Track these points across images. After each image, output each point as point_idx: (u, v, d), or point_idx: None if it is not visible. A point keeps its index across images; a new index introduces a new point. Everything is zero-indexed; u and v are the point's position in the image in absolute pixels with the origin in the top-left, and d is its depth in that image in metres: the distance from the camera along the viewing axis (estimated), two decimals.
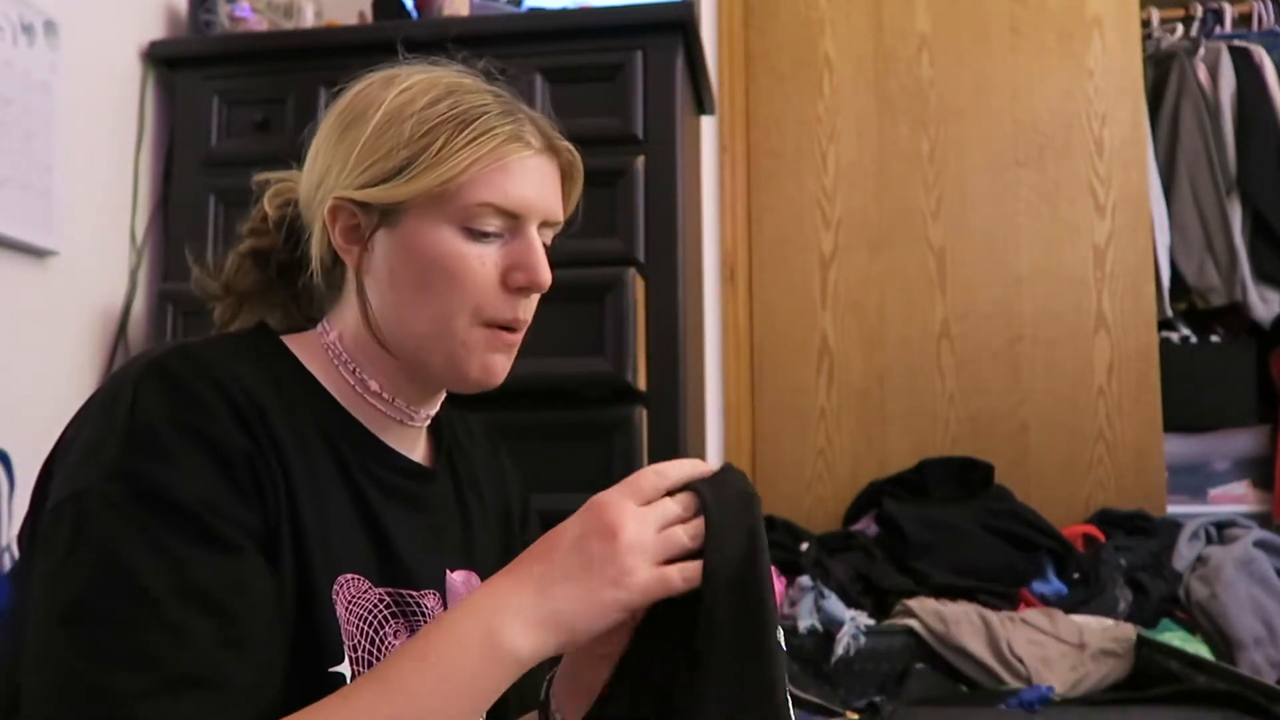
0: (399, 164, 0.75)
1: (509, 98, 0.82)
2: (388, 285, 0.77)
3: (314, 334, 0.81)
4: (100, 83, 1.77)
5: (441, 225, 0.76)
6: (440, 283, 0.75)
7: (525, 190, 0.77)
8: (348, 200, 0.77)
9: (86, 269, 1.72)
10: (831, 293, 2.57)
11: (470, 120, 0.76)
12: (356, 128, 0.78)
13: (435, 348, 0.77)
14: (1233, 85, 2.62)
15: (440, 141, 0.75)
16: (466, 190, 0.75)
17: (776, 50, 2.65)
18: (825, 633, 1.77)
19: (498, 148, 0.76)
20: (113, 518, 0.62)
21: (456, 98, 0.78)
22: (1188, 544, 2.03)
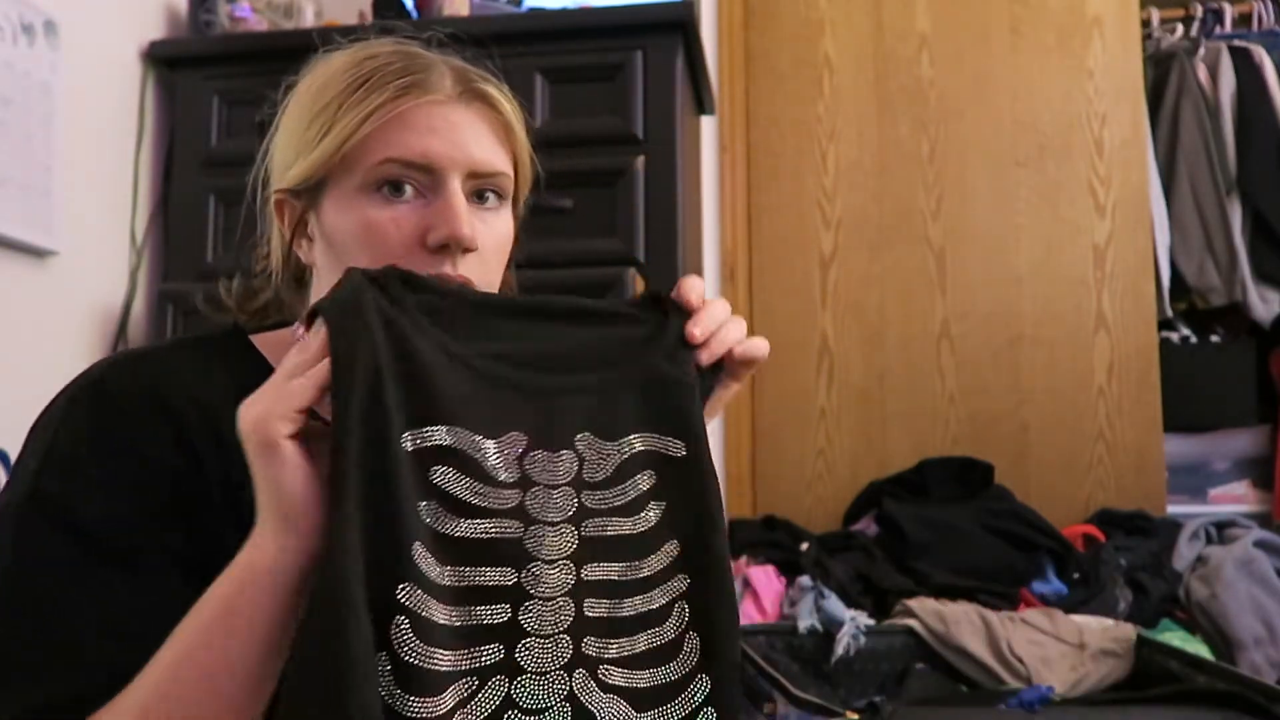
0: (308, 140, 0.74)
1: (422, 52, 0.79)
2: (325, 266, 0.77)
3: (286, 330, 0.80)
4: (100, 83, 1.77)
5: (354, 195, 0.73)
6: (359, 253, 0.72)
7: (430, 140, 0.73)
8: (282, 193, 0.77)
9: (86, 269, 1.72)
10: (831, 293, 2.57)
11: (364, 81, 0.74)
12: (283, 118, 0.78)
13: None
14: (1233, 85, 2.62)
15: (334, 108, 0.73)
16: (367, 151, 0.72)
17: (776, 50, 2.65)
18: (825, 633, 1.77)
19: (390, 100, 0.73)
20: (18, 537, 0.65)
21: (359, 66, 0.76)
22: (1188, 544, 2.03)
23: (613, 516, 0.66)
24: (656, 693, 0.65)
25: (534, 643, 0.63)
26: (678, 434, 0.69)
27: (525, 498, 0.64)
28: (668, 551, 0.67)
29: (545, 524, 0.64)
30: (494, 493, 0.63)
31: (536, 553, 0.64)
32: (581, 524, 0.65)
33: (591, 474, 0.66)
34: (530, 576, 0.63)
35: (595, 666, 0.64)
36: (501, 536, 0.63)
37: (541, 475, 0.65)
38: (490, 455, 0.63)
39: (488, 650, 0.61)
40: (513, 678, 0.62)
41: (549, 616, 0.63)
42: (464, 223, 0.73)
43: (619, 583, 0.66)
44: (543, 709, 0.63)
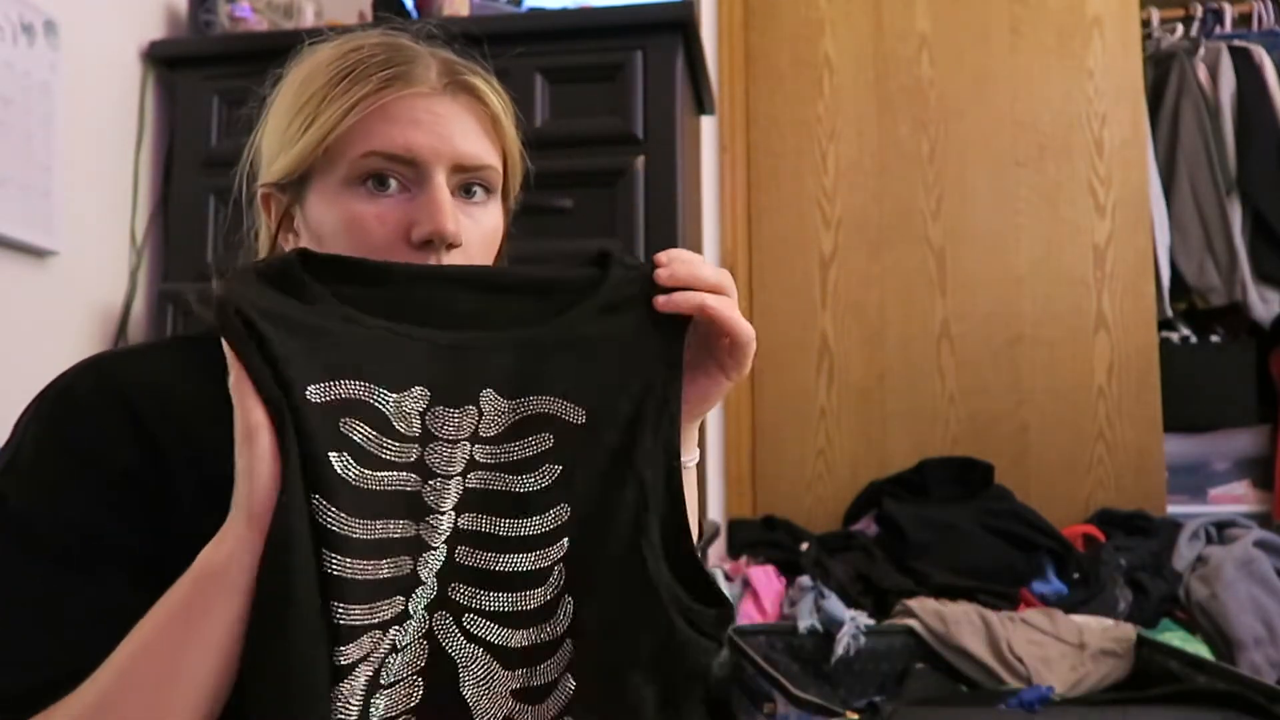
0: (292, 134, 0.74)
1: (409, 44, 0.78)
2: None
3: None
4: (100, 83, 1.77)
5: (338, 189, 0.73)
6: (343, 247, 0.71)
7: (413, 133, 0.72)
8: (268, 187, 0.77)
9: (86, 269, 1.72)
10: (831, 293, 2.57)
11: (347, 73, 0.73)
12: (268, 113, 0.78)
13: None
14: (1233, 85, 2.62)
15: (317, 101, 0.73)
16: (350, 144, 0.72)
17: (776, 50, 2.65)
18: (825, 633, 1.77)
19: (373, 93, 0.72)
20: None
21: (343, 58, 0.75)
22: (1188, 544, 2.03)
23: (500, 472, 0.65)
24: (527, 653, 0.64)
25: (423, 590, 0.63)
26: (579, 399, 0.67)
27: (425, 452, 0.64)
28: (557, 515, 0.66)
29: (444, 477, 0.64)
30: (396, 446, 0.63)
31: (436, 505, 0.63)
32: (468, 475, 0.65)
33: (487, 429, 0.65)
34: (428, 528, 0.63)
35: (460, 613, 0.64)
36: (400, 489, 0.63)
37: (443, 430, 0.64)
38: (393, 408, 0.63)
39: (389, 604, 0.61)
40: (401, 623, 0.62)
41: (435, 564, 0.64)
42: (448, 218, 0.72)
43: (498, 537, 0.65)
44: (405, 645, 0.63)
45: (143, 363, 0.73)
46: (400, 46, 0.77)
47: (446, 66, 0.77)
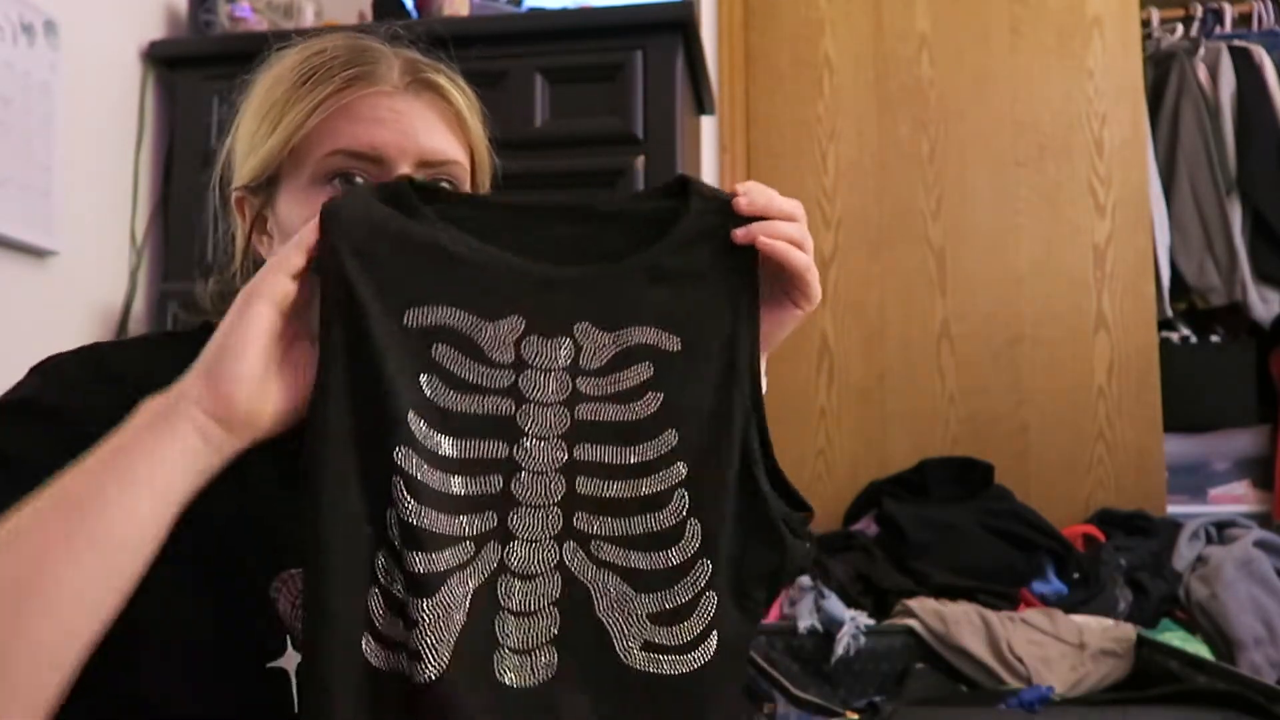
0: (260, 136, 0.75)
1: (373, 44, 0.78)
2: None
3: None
4: (100, 83, 1.77)
5: (306, 188, 0.74)
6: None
7: (376, 130, 0.73)
8: (240, 190, 0.78)
9: (86, 269, 1.72)
10: (831, 293, 2.57)
11: (311, 74, 0.74)
12: (237, 117, 0.79)
13: None
14: (1233, 85, 2.62)
15: (282, 103, 0.74)
16: (316, 144, 0.73)
17: (776, 50, 2.65)
18: (825, 633, 1.77)
19: (336, 92, 0.73)
20: None
21: (307, 60, 0.76)
22: (1188, 544, 2.03)
23: (607, 402, 0.68)
24: (658, 576, 0.67)
25: (525, 511, 0.66)
26: (674, 328, 0.70)
27: (519, 378, 0.67)
28: (666, 440, 0.68)
29: (537, 404, 0.67)
30: (489, 372, 0.67)
31: (528, 429, 0.67)
32: (575, 407, 0.68)
33: (588, 361, 0.69)
34: (522, 450, 0.66)
35: (588, 541, 0.66)
36: (494, 413, 0.66)
37: (536, 358, 0.68)
38: (487, 336, 0.67)
39: (482, 517, 0.65)
40: (505, 544, 0.65)
41: (539, 489, 0.66)
42: None
43: (613, 465, 0.68)
44: (533, 575, 0.65)
45: (131, 350, 0.75)
46: (363, 48, 0.78)
47: (409, 65, 0.78)
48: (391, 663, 0.61)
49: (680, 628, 0.66)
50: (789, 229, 0.71)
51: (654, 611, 0.66)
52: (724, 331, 0.70)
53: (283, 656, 0.69)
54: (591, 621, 0.65)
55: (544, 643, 0.64)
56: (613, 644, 0.65)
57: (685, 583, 0.66)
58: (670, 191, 0.73)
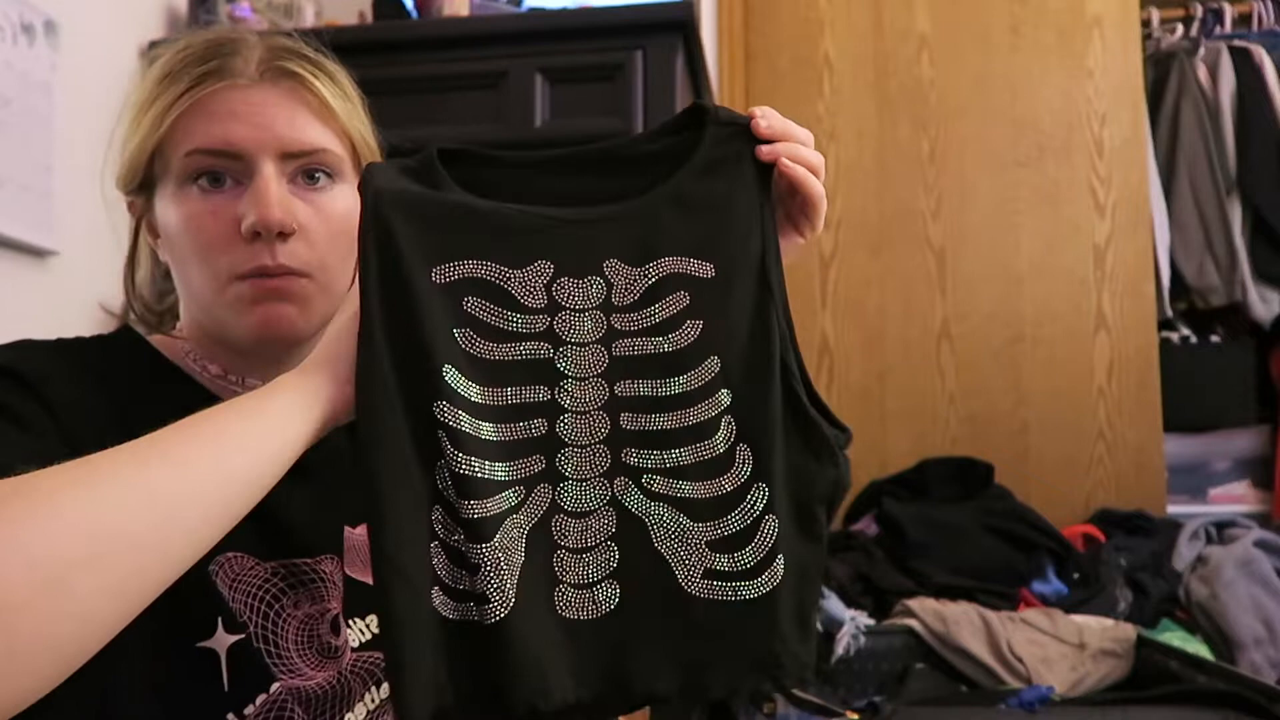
0: (127, 141, 0.75)
1: (234, 36, 0.77)
2: (170, 262, 0.78)
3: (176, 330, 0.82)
4: (100, 83, 1.77)
5: (174, 190, 0.73)
6: (188, 248, 0.73)
7: (231, 125, 0.72)
8: (127, 194, 0.78)
9: (86, 269, 1.72)
10: (831, 293, 2.57)
11: (163, 75, 0.73)
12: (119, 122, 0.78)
13: (217, 313, 0.74)
14: (1233, 85, 2.62)
15: (145, 106, 0.73)
16: (175, 144, 0.72)
17: (776, 50, 2.65)
18: (825, 633, 1.77)
19: (187, 90, 0.71)
20: None
21: (171, 58, 0.74)
22: (1188, 544, 2.03)
23: (643, 336, 0.69)
24: (713, 504, 0.67)
25: (572, 452, 0.67)
26: (704, 254, 0.70)
27: (554, 321, 0.68)
28: (709, 368, 0.69)
29: (574, 345, 0.68)
30: (523, 318, 0.67)
31: (568, 370, 0.68)
32: (612, 344, 0.68)
33: (620, 298, 0.69)
34: (563, 393, 0.68)
35: (638, 475, 0.67)
36: (532, 358, 0.67)
37: (568, 300, 0.68)
38: (517, 284, 0.68)
39: (529, 461, 0.66)
40: (555, 484, 0.66)
41: (584, 428, 0.67)
42: (272, 207, 0.71)
43: (657, 398, 0.68)
44: (587, 512, 0.66)
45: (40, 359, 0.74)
46: (221, 40, 0.76)
47: (269, 54, 0.76)
48: (462, 611, 0.63)
49: (742, 554, 0.66)
50: (808, 153, 0.71)
51: (713, 539, 0.67)
52: (754, 253, 0.70)
53: (213, 637, 0.69)
54: (650, 553, 0.66)
55: (604, 577, 0.66)
56: (674, 573, 0.66)
57: (742, 509, 0.67)
58: (687, 120, 0.73)
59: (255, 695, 0.71)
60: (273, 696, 0.71)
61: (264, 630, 0.72)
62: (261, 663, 0.71)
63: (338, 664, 0.76)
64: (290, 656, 0.73)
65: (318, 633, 0.75)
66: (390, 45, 1.74)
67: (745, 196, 0.71)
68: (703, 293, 0.69)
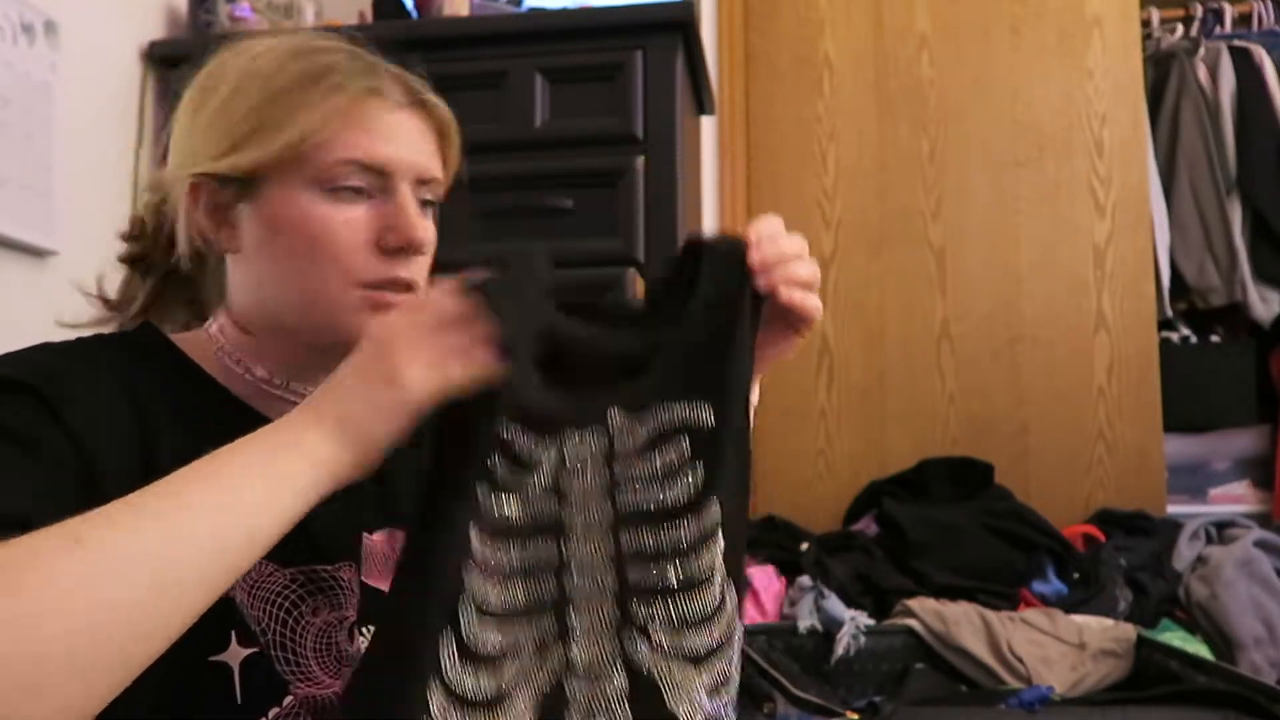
0: (250, 129, 0.73)
1: (367, 54, 0.79)
2: (256, 260, 0.76)
3: (202, 329, 0.81)
4: (100, 83, 1.77)
5: (302, 190, 0.73)
6: (305, 250, 0.73)
7: (389, 146, 0.74)
8: (206, 176, 0.75)
9: (86, 269, 1.72)
10: (831, 293, 2.57)
11: (320, 77, 0.73)
12: (209, 102, 0.76)
13: (311, 317, 0.75)
14: (1233, 85, 2.62)
15: (291, 101, 0.73)
16: (325, 149, 0.73)
17: (776, 50, 2.65)
18: (825, 633, 1.77)
19: (353, 103, 0.73)
20: None
21: (308, 58, 0.75)
22: (1188, 544, 2.03)
23: (647, 484, 0.68)
24: (712, 651, 0.67)
25: (582, 607, 0.66)
26: (703, 395, 0.69)
27: (560, 476, 0.67)
28: (710, 513, 0.69)
29: (580, 497, 0.67)
30: (532, 474, 0.66)
31: (573, 527, 0.67)
32: (615, 495, 0.68)
33: (622, 445, 0.68)
34: (570, 548, 0.66)
35: (645, 629, 0.66)
36: (541, 513, 0.66)
37: (573, 452, 0.67)
38: (523, 437, 0.66)
39: (542, 620, 0.65)
40: (566, 644, 0.65)
41: (592, 585, 0.67)
42: (419, 227, 0.75)
43: (662, 551, 0.68)
44: (598, 674, 0.66)
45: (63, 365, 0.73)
46: (365, 59, 0.78)
47: (408, 80, 0.79)
48: None
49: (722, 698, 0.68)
50: (803, 273, 0.72)
51: (710, 685, 0.67)
52: (745, 382, 0.71)
53: (226, 651, 0.69)
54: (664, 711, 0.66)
55: None
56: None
57: (730, 654, 0.68)
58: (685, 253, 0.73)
59: (268, 708, 0.70)
60: (285, 709, 0.71)
61: (282, 637, 0.72)
62: (275, 675, 0.71)
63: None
64: (308, 664, 0.73)
65: (335, 640, 0.75)
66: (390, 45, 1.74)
67: (740, 331, 0.70)
68: (702, 436, 0.69)
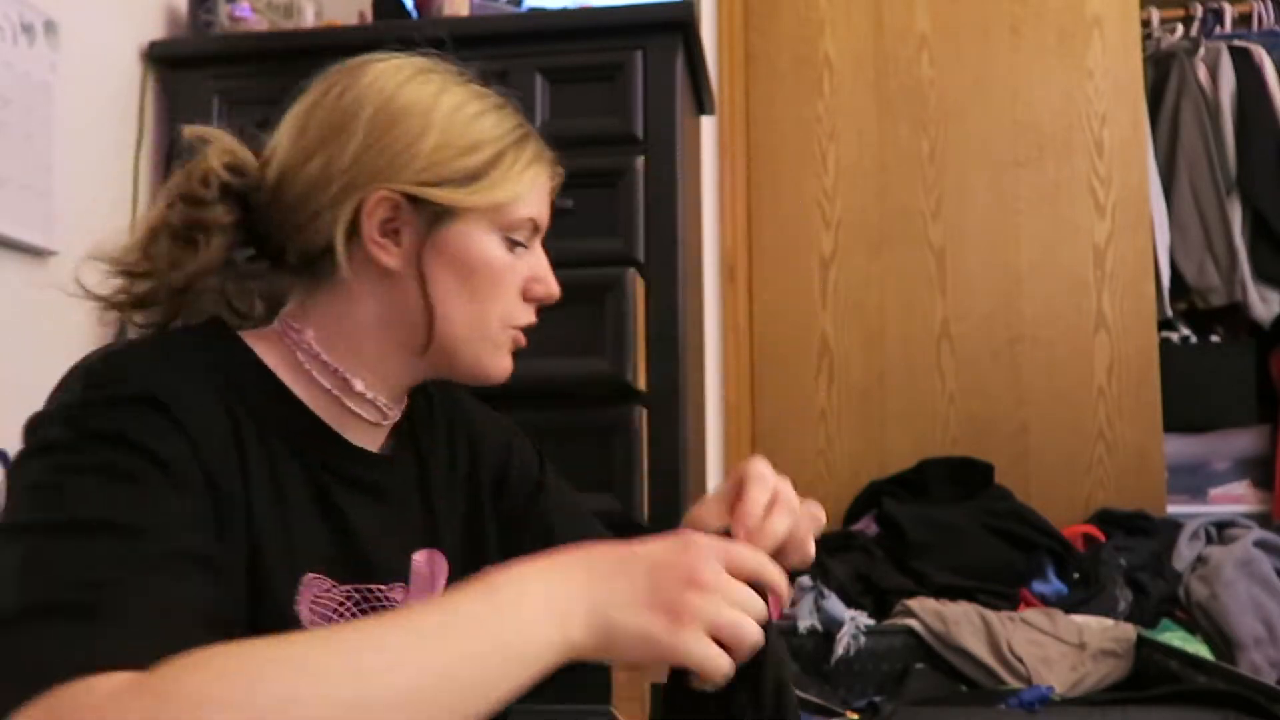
0: (467, 171, 0.77)
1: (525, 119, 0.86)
2: (411, 282, 0.77)
3: (275, 331, 0.79)
4: (100, 83, 1.77)
5: (489, 234, 0.79)
6: (485, 288, 0.79)
7: (547, 210, 0.84)
8: (401, 194, 0.76)
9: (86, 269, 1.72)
10: (831, 293, 2.57)
11: (524, 140, 0.82)
12: (404, 122, 0.77)
13: (469, 346, 0.80)
14: (1233, 85, 2.62)
15: (508, 159, 0.80)
16: (517, 205, 0.80)
17: (776, 50, 2.65)
18: (825, 633, 1.77)
19: (544, 170, 0.83)
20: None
21: (504, 113, 0.82)
22: (1188, 544, 2.03)
23: None
24: None
25: None
26: None
27: None
28: None
29: None
30: None
31: None
32: None
33: None
34: None
35: None
36: None
37: None
38: None
39: None
40: None
41: None
42: (555, 283, 0.84)
43: None
44: None
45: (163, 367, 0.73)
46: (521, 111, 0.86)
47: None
48: None
49: None
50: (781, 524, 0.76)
51: None
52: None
53: None
54: None
55: None
56: None
57: None
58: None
59: None
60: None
61: None
62: None
63: None
64: None
65: None
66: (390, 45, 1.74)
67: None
68: None
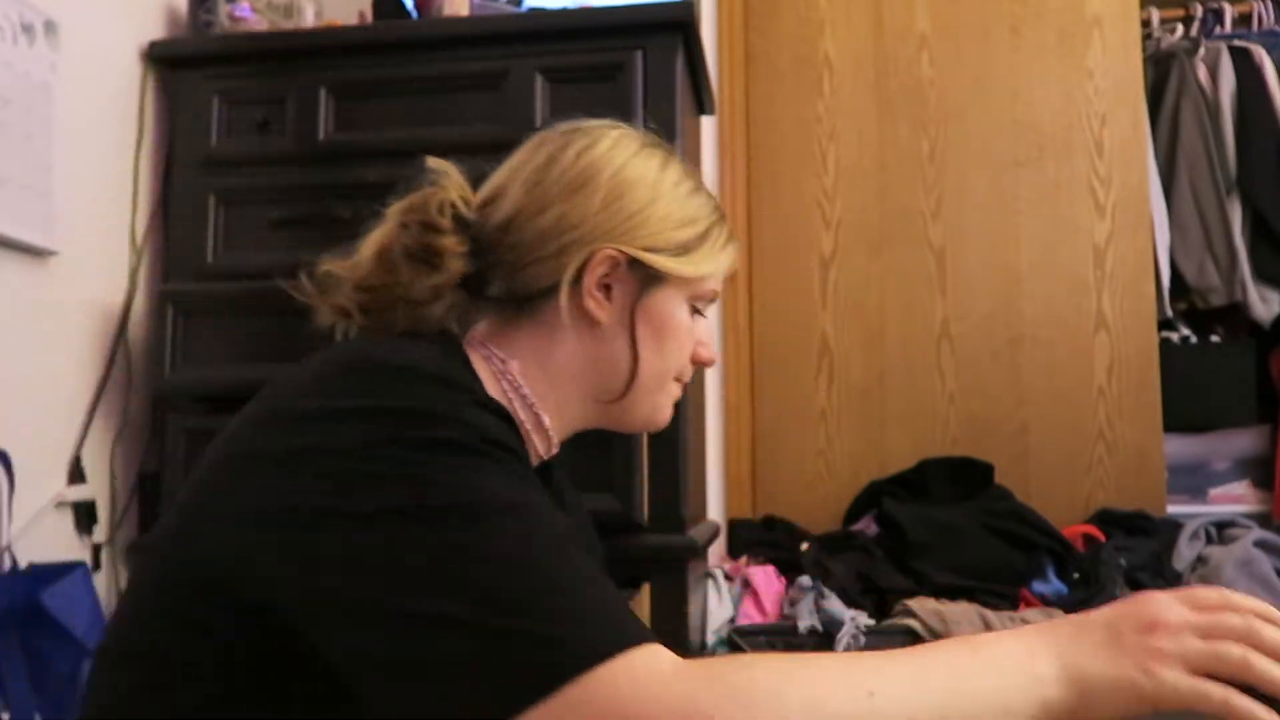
0: (681, 243, 0.86)
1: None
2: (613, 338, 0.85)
3: (478, 353, 0.82)
4: (100, 83, 1.77)
5: (683, 302, 0.88)
6: (673, 348, 0.88)
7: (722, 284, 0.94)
8: (624, 255, 0.83)
9: (86, 269, 1.72)
10: (831, 293, 2.57)
11: (723, 219, 0.91)
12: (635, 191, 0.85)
13: (648, 397, 0.89)
14: (1233, 85, 2.62)
15: (714, 236, 0.89)
16: (712, 279, 0.89)
17: (776, 50, 2.65)
18: (825, 633, 1.77)
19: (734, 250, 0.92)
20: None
21: (707, 192, 0.91)
22: (1188, 544, 2.03)
23: None
24: None
25: None
26: None
27: None
28: None
29: None
30: None
31: None
32: None
33: None
34: None
35: None
36: None
37: None
38: None
39: None
40: None
41: None
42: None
43: None
44: None
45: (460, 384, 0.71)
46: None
47: None
48: None
49: None
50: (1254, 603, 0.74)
51: None
52: None
53: None
54: None
55: None
56: None
57: None
58: None
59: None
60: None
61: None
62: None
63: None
64: None
65: None
66: (390, 45, 1.74)
67: None
68: None
